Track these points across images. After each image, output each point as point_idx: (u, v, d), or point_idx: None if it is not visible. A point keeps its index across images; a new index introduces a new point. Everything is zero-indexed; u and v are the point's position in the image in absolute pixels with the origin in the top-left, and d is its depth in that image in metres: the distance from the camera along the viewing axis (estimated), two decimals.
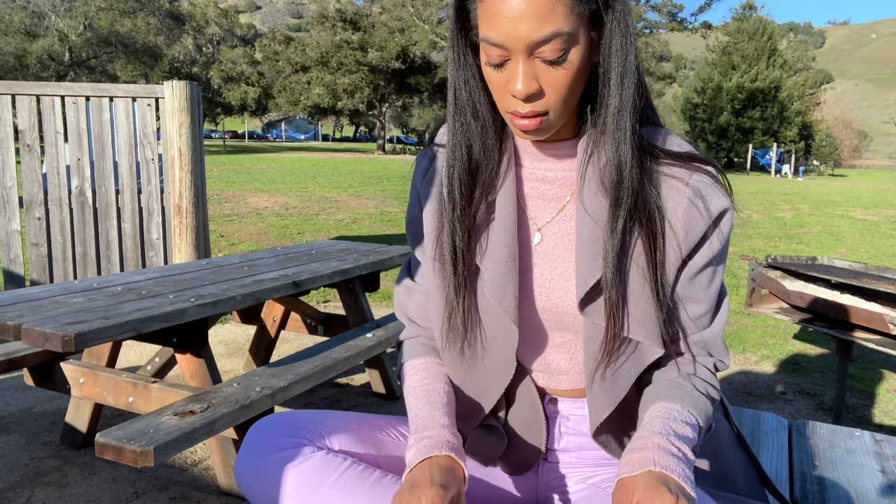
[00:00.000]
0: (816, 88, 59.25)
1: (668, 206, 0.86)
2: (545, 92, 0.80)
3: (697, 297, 0.90)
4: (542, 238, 0.92)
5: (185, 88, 3.41)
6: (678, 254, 0.87)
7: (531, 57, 0.78)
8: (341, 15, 39.23)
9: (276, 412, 0.95)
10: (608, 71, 0.82)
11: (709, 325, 0.92)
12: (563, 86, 0.80)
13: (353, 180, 15.52)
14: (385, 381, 2.87)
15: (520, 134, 0.85)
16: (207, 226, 3.67)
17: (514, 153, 0.94)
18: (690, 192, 0.85)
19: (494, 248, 0.89)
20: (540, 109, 0.81)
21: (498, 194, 0.91)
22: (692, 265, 0.88)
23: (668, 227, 0.86)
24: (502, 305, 0.87)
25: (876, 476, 1.26)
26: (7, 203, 3.39)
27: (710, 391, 0.90)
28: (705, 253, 0.88)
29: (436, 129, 1.01)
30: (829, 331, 2.62)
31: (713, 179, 0.86)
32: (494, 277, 0.88)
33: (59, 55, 33.31)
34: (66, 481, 2.06)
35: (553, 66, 0.78)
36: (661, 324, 0.86)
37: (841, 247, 8.28)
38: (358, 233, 7.86)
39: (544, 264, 0.91)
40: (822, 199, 16.75)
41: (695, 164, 0.87)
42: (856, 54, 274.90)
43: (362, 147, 50.25)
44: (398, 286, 1.06)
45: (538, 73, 0.79)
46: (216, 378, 1.98)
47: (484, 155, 0.91)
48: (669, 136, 0.90)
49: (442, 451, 0.82)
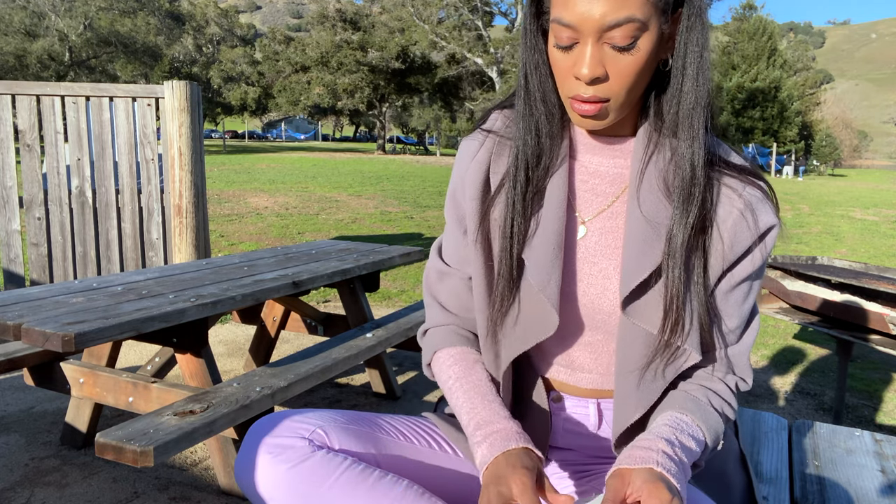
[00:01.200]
0: (816, 88, 59.26)
1: (719, 214, 0.85)
2: (610, 78, 0.79)
3: (730, 312, 0.89)
4: (587, 232, 0.91)
5: (185, 88, 3.41)
6: (721, 264, 0.87)
7: (600, 41, 0.78)
8: (341, 15, 39.25)
9: (276, 412, 0.95)
10: (684, 66, 0.82)
11: (737, 341, 0.91)
12: (630, 73, 0.79)
13: (353, 180, 15.51)
14: (385, 381, 2.87)
15: (578, 121, 0.84)
16: (207, 226, 3.67)
17: (570, 144, 0.93)
18: (742, 203, 0.85)
19: (542, 235, 0.88)
20: (602, 95, 0.80)
21: (549, 183, 0.90)
22: (731, 277, 0.88)
23: (716, 235, 0.85)
24: (545, 292, 0.86)
25: (876, 476, 1.26)
26: (7, 203, 3.39)
27: (726, 410, 0.89)
28: (746, 267, 0.87)
29: (485, 114, 1.00)
30: (829, 331, 2.62)
31: (765, 195, 0.86)
32: (540, 264, 0.87)
33: (59, 55, 33.30)
34: (66, 481, 2.06)
35: (622, 52, 0.78)
36: (706, 331, 0.87)
37: (841, 247, 8.28)
38: (358, 233, 7.86)
39: (585, 259, 0.90)
40: (822, 199, 16.75)
41: (749, 177, 0.87)
42: (856, 54, 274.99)
43: (362, 147, 50.25)
44: (429, 269, 1.04)
45: (605, 58, 0.78)
46: (216, 378, 1.98)
47: (549, 142, 0.91)
48: (723, 146, 0.90)
49: (518, 443, 0.82)
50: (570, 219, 0.92)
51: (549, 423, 0.95)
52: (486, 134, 0.97)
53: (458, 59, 36.00)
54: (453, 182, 0.99)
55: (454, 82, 38.68)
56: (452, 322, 1.01)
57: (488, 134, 0.96)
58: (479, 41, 35.10)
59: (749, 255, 0.87)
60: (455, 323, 1.01)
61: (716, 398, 0.88)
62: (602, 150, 0.92)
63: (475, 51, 34.64)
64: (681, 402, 0.86)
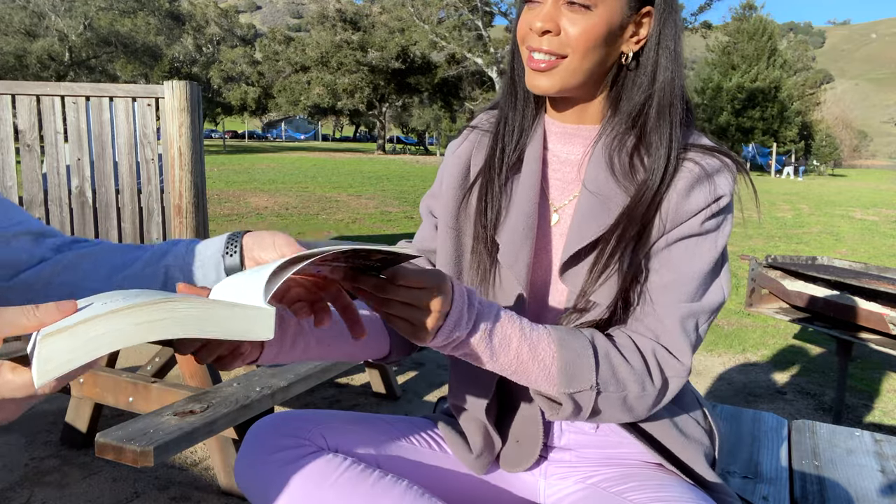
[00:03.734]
0: (816, 88, 59.25)
1: (674, 181, 0.86)
2: (563, 34, 0.83)
3: (657, 269, 0.86)
4: (560, 219, 0.94)
5: (185, 88, 3.41)
6: (662, 226, 0.86)
7: (559, 1, 0.83)
8: (341, 15, 39.25)
9: (276, 412, 0.95)
10: (657, 60, 0.86)
11: (671, 306, 0.84)
12: (583, 33, 0.83)
13: (353, 180, 15.51)
14: (385, 381, 2.87)
15: (530, 79, 0.87)
16: (207, 226, 3.67)
17: (543, 135, 0.96)
18: (698, 170, 0.86)
19: (514, 219, 0.91)
20: (556, 49, 0.84)
21: (523, 172, 0.94)
22: (668, 237, 0.86)
23: (665, 202, 0.85)
24: (514, 269, 0.89)
25: (876, 476, 1.26)
26: None
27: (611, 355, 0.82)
28: (685, 228, 0.86)
29: (477, 113, 1.05)
30: (829, 331, 2.62)
31: (724, 166, 0.87)
32: (509, 244, 0.90)
33: (59, 55, 33.30)
34: (66, 481, 2.06)
35: (577, 11, 0.82)
36: (623, 289, 0.86)
37: (841, 247, 8.28)
38: (358, 233, 7.86)
39: (559, 245, 0.93)
40: (822, 199, 16.75)
41: (713, 151, 0.88)
42: (856, 54, 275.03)
43: (362, 147, 50.25)
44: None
45: (563, 17, 0.83)
46: (216, 378, 1.98)
47: (521, 133, 0.95)
48: (698, 134, 0.91)
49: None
50: (544, 207, 0.94)
51: (540, 423, 0.94)
52: (469, 130, 1.02)
53: (458, 59, 35.97)
54: (437, 174, 1.04)
55: (454, 82, 38.67)
56: None
57: (472, 130, 1.01)
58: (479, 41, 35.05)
59: (693, 218, 0.85)
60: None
61: (601, 338, 0.83)
62: (571, 139, 0.94)
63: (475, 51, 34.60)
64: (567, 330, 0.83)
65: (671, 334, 0.85)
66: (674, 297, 0.85)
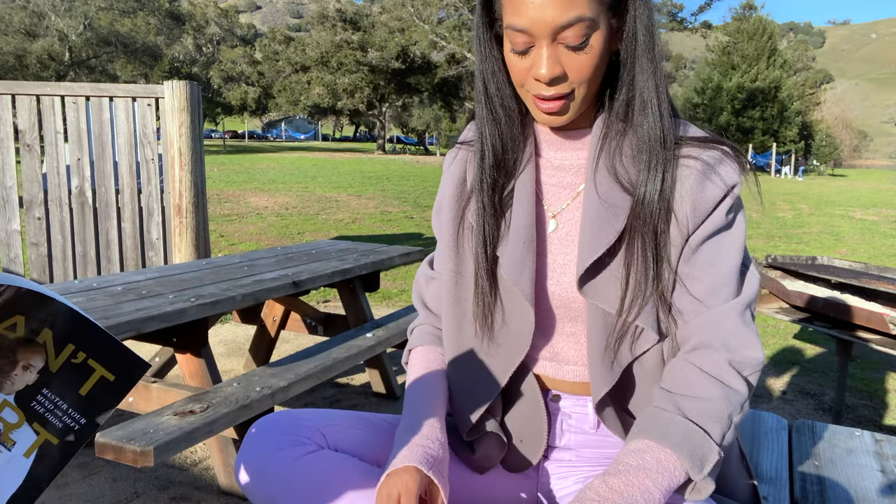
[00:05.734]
0: (816, 88, 59.27)
1: (678, 182, 0.86)
2: (568, 75, 0.83)
3: (696, 275, 0.86)
4: (558, 225, 0.93)
5: (185, 88, 3.41)
6: (682, 231, 0.86)
7: (554, 42, 0.81)
8: (341, 15, 39.25)
9: (276, 412, 0.95)
10: (633, 57, 0.85)
11: (719, 305, 0.85)
12: (586, 69, 0.83)
13: (353, 180, 15.51)
14: (385, 380, 2.87)
15: (542, 119, 0.88)
16: (207, 226, 3.67)
17: (535, 143, 0.96)
18: (701, 165, 0.86)
19: (513, 232, 0.91)
20: (565, 91, 0.84)
21: (517, 182, 0.94)
22: (693, 239, 0.87)
23: (677, 205, 0.86)
24: (518, 285, 0.89)
25: (876, 476, 1.26)
26: (7, 203, 3.39)
27: (718, 408, 0.80)
28: (708, 226, 0.86)
29: (464, 127, 1.05)
30: (829, 331, 2.62)
31: (725, 155, 0.87)
32: (512, 259, 0.90)
33: (59, 55, 33.30)
34: (66, 481, 2.06)
35: (576, 51, 0.81)
36: (664, 308, 0.86)
37: (841, 247, 8.28)
38: (358, 233, 7.86)
39: (558, 251, 0.92)
40: (822, 199, 16.75)
41: (708, 143, 0.88)
42: (856, 54, 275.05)
43: (362, 147, 50.25)
44: (418, 276, 1.09)
45: (561, 57, 0.82)
46: (216, 378, 1.98)
47: (510, 144, 0.94)
48: (687, 125, 0.91)
49: (429, 472, 0.81)
50: (540, 214, 0.94)
51: (545, 425, 0.94)
52: (459, 147, 1.03)
53: (458, 59, 35.95)
54: (438, 191, 1.05)
55: (454, 82, 38.65)
56: (433, 322, 1.06)
57: (461, 146, 1.02)
58: None
59: (713, 214, 0.86)
60: (434, 323, 1.06)
61: (683, 400, 0.82)
62: (564, 143, 0.95)
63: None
64: (657, 426, 0.80)
65: (736, 334, 0.84)
66: (723, 297, 0.85)
